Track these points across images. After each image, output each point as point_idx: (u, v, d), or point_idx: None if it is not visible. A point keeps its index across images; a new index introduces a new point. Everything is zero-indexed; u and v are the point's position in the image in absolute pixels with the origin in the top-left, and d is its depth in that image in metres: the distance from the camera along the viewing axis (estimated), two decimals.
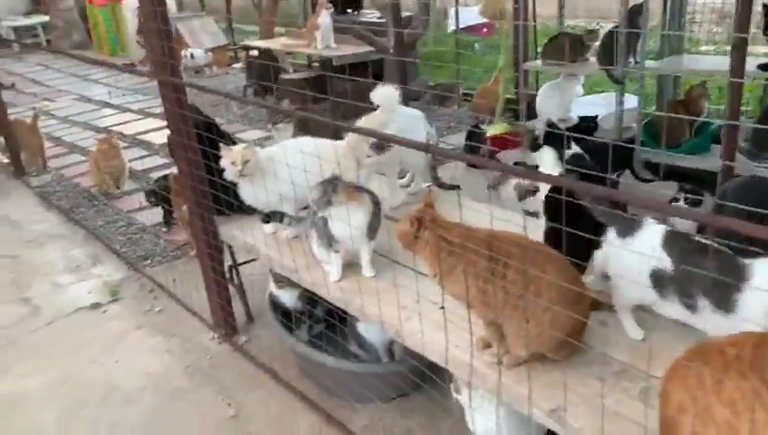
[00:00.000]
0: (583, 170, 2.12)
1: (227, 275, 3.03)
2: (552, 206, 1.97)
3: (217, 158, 2.51)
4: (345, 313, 2.39)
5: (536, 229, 2.04)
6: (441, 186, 3.30)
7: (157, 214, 4.32)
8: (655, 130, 4.38)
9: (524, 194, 2.54)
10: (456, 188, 3.88)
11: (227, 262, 3.06)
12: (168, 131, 2.74)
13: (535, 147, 3.10)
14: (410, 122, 2.74)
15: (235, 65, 9.26)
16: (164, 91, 2.59)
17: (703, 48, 6.35)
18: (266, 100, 7.32)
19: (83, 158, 5.84)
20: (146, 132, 6.37)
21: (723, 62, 4.26)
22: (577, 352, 1.72)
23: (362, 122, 2.48)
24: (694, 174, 3.24)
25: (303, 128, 2.96)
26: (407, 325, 1.95)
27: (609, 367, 1.70)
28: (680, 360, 1.31)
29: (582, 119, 4.65)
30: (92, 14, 11.85)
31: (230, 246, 3.01)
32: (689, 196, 2.84)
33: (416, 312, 1.97)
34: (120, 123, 6.91)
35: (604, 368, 1.70)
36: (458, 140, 5.36)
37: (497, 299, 1.57)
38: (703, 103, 4.22)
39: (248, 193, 2.51)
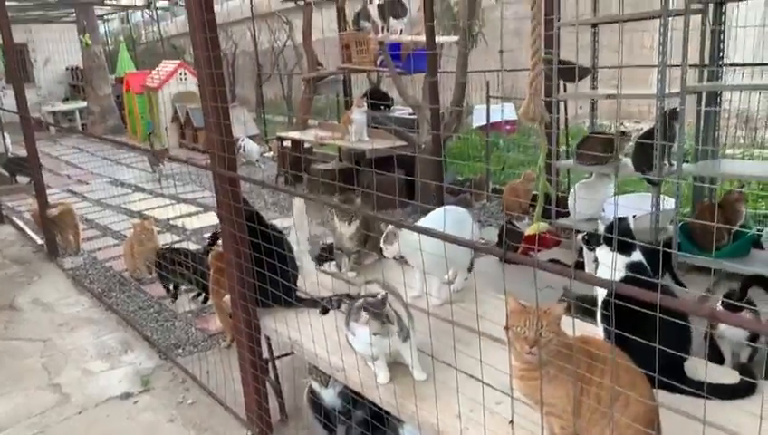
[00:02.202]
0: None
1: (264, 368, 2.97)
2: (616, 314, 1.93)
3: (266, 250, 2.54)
4: (387, 414, 2.31)
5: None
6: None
7: (187, 301, 4.32)
8: (692, 233, 4.37)
9: None
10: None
11: (264, 355, 3.00)
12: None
13: (590, 245, 3.13)
14: (458, 220, 2.74)
15: (266, 154, 9.46)
16: (219, 184, 2.63)
17: (728, 151, 6.42)
18: (297, 189, 7.46)
19: (116, 241, 5.91)
20: (178, 217, 6.45)
21: (760, 167, 4.31)
22: None
23: None
24: None
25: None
26: None
27: None
28: None
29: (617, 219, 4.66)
30: (129, 101, 12.34)
31: (268, 339, 2.97)
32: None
33: (473, 420, 1.90)
34: (152, 208, 7.03)
35: None
36: (488, 234, 5.36)
37: (588, 409, 1.52)
38: (740, 207, 4.22)
39: None
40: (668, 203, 4.53)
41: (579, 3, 3.85)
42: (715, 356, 3.02)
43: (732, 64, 4.88)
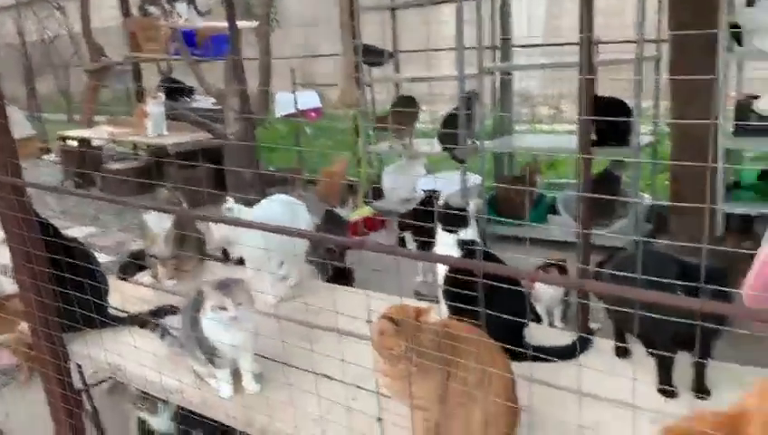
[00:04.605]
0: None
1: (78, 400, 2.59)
2: (453, 288, 1.95)
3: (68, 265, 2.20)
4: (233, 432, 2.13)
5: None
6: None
7: None
8: (497, 206, 4.67)
9: None
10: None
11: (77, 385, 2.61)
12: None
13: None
14: (293, 211, 2.61)
15: (46, 156, 8.43)
16: (1, 194, 2.21)
17: (516, 127, 7.00)
18: (90, 191, 6.74)
19: None
20: None
21: (549, 140, 4.73)
22: None
23: None
24: None
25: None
26: None
27: None
28: None
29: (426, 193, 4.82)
30: None
31: (79, 367, 2.59)
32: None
33: (333, 422, 1.79)
34: None
35: None
36: None
37: (454, 393, 1.48)
38: (536, 178, 4.60)
39: None
40: (477, 179, 4.80)
41: None
42: (533, 317, 3.26)
43: (521, 45, 5.29)
